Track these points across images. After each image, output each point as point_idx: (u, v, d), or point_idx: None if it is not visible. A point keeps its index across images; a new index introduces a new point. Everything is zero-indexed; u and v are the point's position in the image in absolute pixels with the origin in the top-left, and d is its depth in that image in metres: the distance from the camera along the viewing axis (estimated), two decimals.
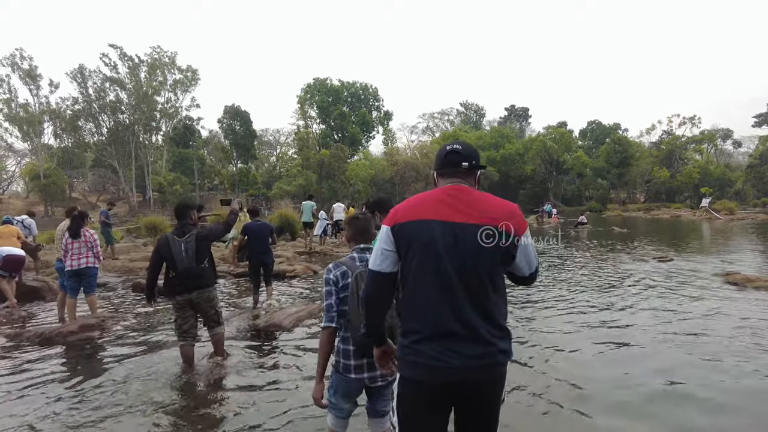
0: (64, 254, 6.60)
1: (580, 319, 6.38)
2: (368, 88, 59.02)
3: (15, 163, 66.34)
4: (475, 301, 1.76)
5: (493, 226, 1.78)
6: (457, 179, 1.91)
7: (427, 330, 1.77)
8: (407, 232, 1.80)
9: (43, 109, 52.15)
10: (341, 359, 2.54)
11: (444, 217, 1.79)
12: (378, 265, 1.86)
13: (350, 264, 2.55)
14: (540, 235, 21.50)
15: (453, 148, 1.94)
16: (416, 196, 1.93)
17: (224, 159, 59.94)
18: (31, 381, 4.52)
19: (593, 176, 57.89)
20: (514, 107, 78.41)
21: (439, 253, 1.76)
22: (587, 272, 10.28)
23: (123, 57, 51.37)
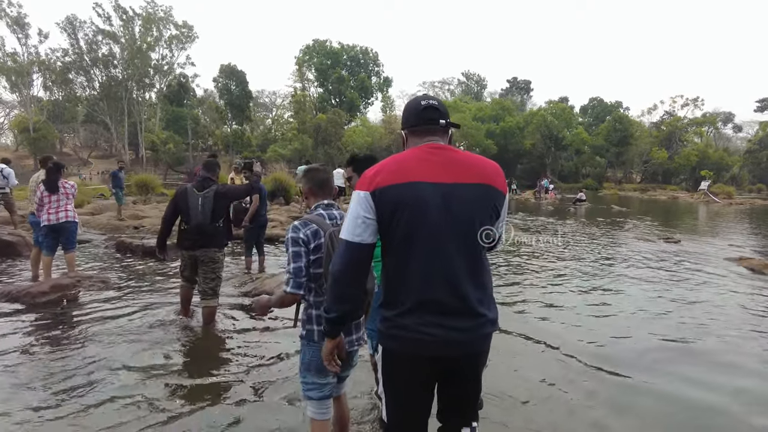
0: (38, 208, 6.00)
1: (638, 320, 5.42)
2: (368, 52, 57.66)
3: (3, 115, 64.94)
4: (470, 269, 1.65)
5: (489, 185, 1.68)
6: (435, 137, 1.75)
7: (416, 301, 1.62)
8: (391, 197, 1.61)
9: (32, 60, 50.69)
10: (315, 326, 2.24)
11: (433, 178, 1.63)
12: (358, 235, 1.64)
13: (320, 222, 2.27)
14: (537, 211, 21.30)
15: (429, 103, 1.76)
16: (395, 157, 1.71)
17: (219, 119, 58.86)
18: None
19: (591, 154, 57.49)
20: (516, 80, 77.17)
21: (431, 217, 1.61)
22: (601, 253, 9.64)
23: (117, 9, 49.63)
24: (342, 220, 2.25)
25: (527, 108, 70.65)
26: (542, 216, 18.35)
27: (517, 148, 56.26)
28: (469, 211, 1.65)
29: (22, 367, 3.72)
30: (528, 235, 12.22)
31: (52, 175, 5.96)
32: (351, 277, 1.68)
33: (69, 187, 6.04)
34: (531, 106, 72.08)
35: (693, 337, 4.81)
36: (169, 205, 4.70)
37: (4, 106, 63.24)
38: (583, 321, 5.24)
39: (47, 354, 3.98)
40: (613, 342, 4.63)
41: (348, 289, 1.69)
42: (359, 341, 2.35)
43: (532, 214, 19.46)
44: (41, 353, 4.00)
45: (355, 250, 1.65)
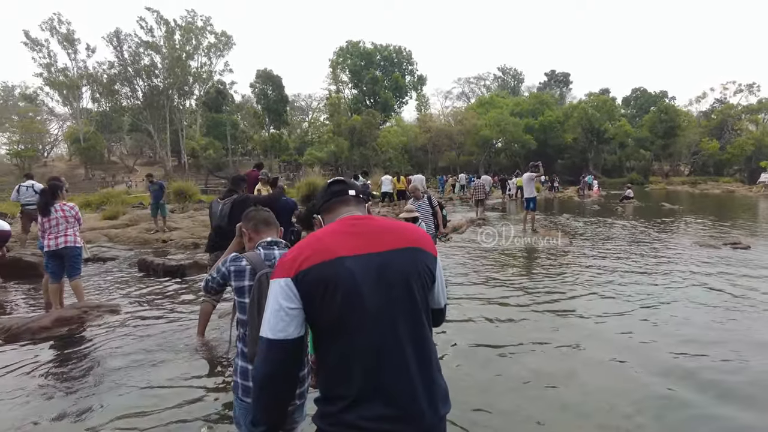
0: (41, 233, 5.64)
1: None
2: (402, 51, 57.30)
3: (57, 127, 68.32)
4: (415, 346, 1.47)
5: (418, 248, 1.55)
6: (350, 208, 1.64)
7: (358, 393, 1.42)
8: (317, 278, 1.42)
9: (81, 74, 52.96)
10: (240, 380, 2.06)
11: (359, 250, 1.47)
12: (281, 330, 1.42)
13: (255, 260, 2.11)
14: (582, 211, 20.44)
15: (335, 179, 1.73)
16: (311, 236, 1.55)
17: (257, 124, 59.91)
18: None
19: (635, 146, 55.25)
20: (554, 72, 75.14)
21: (366, 294, 1.43)
22: (658, 267, 8.16)
23: (159, 21, 51.30)
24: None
25: (567, 101, 68.72)
26: (588, 217, 17.43)
27: (557, 142, 54.74)
28: (405, 280, 1.48)
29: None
30: (572, 239, 11.64)
31: (45, 197, 5.60)
32: (279, 382, 1.46)
33: (68, 210, 5.66)
34: (570, 99, 70.09)
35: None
36: (210, 215, 5.43)
37: (57, 119, 66.56)
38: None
39: (34, 396, 3.72)
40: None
41: (277, 396, 1.48)
42: (301, 398, 2.14)
43: (576, 214, 18.64)
44: (29, 396, 3.74)
45: (280, 349, 1.42)
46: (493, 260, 9.02)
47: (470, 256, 9.42)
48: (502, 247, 10.53)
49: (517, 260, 9.16)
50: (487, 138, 50.93)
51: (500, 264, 8.67)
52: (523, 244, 10.99)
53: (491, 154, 54.89)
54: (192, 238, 11.09)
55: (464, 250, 10.10)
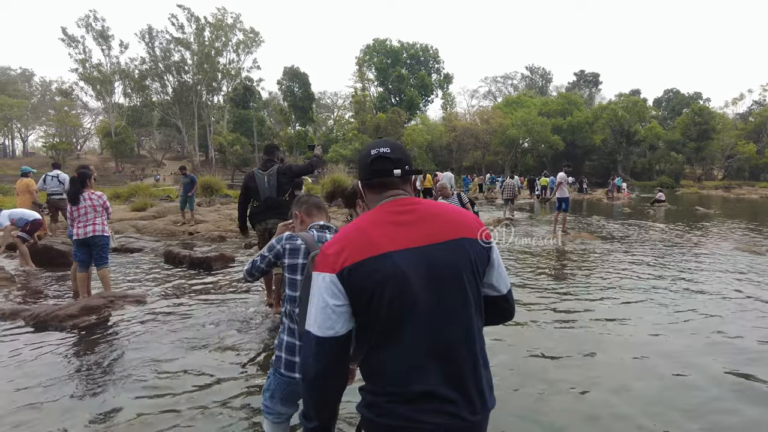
0: (70, 221, 5.64)
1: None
2: (428, 49, 57.06)
3: (90, 121, 70.17)
4: (466, 342, 1.41)
5: (473, 238, 1.44)
6: (396, 190, 1.49)
7: (408, 390, 1.36)
8: (362, 276, 1.33)
9: (113, 69, 54.21)
10: (284, 354, 2.12)
11: (406, 244, 1.37)
12: (330, 328, 1.35)
13: (309, 240, 2.16)
14: (611, 214, 19.90)
15: (380, 152, 1.47)
16: (355, 224, 1.44)
17: (282, 121, 60.44)
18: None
19: (666, 149, 53.87)
20: (583, 72, 73.83)
21: (411, 293, 1.34)
22: (698, 273, 7.55)
23: (190, 18, 52.19)
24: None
25: (596, 102, 67.51)
26: (619, 219, 16.89)
27: (585, 144, 53.75)
28: (457, 275, 1.39)
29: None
30: (605, 241, 11.30)
31: (75, 187, 5.61)
32: (330, 379, 1.40)
33: (96, 198, 5.67)
34: (600, 100, 68.84)
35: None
36: (241, 190, 5.36)
37: (90, 113, 68.37)
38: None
39: (56, 381, 3.75)
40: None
41: (328, 393, 1.43)
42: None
43: (606, 217, 18.10)
44: (52, 380, 3.78)
45: (328, 346, 1.36)
46: (522, 261, 8.77)
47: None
48: (532, 247, 10.25)
49: (548, 262, 8.88)
50: (513, 138, 50.30)
51: (530, 265, 8.41)
52: (554, 244, 10.70)
53: (518, 155, 54.19)
54: (218, 231, 11.13)
55: None
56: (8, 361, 4.13)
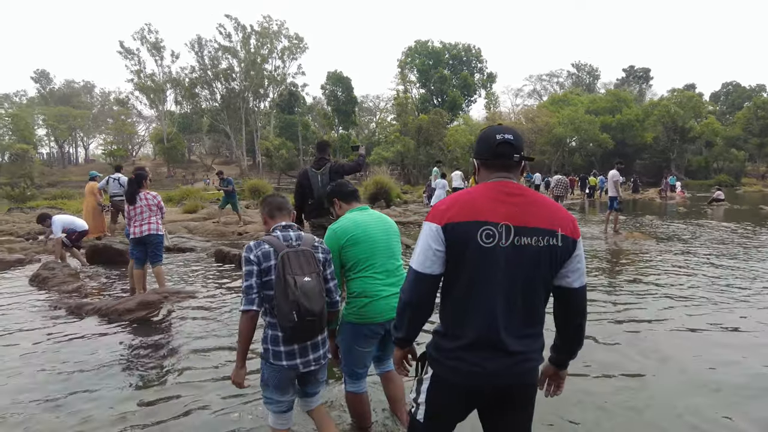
0: (127, 220, 5.93)
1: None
2: (471, 49, 56.41)
3: (145, 128, 73.52)
4: (524, 311, 1.69)
5: (561, 232, 1.67)
6: (507, 174, 1.75)
7: (472, 337, 1.68)
8: (461, 234, 1.64)
9: (166, 78, 56.52)
10: (270, 346, 2.35)
11: (503, 219, 1.65)
12: (428, 267, 1.68)
13: (275, 243, 2.34)
14: (665, 213, 19.06)
15: (504, 138, 1.73)
16: (466, 192, 1.75)
17: (326, 125, 61.26)
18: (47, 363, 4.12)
19: (725, 146, 51.06)
20: (633, 68, 71.13)
21: (498, 261, 1.64)
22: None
23: (237, 27, 53.81)
24: (298, 240, 2.39)
25: (647, 98, 64.88)
26: (675, 219, 16.09)
27: (636, 142, 51.67)
28: (535, 257, 1.65)
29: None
30: (661, 242, 10.83)
31: (132, 187, 5.84)
32: (425, 307, 1.73)
33: (151, 198, 5.90)
34: (651, 96, 66.12)
35: None
36: (296, 187, 5.40)
37: (144, 121, 71.66)
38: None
39: (111, 367, 4.03)
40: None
41: (416, 315, 1.75)
42: (324, 358, 2.45)
43: (659, 217, 17.35)
44: (108, 367, 4.04)
45: (424, 281, 1.68)
46: None
47: None
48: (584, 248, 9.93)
49: (603, 264, 8.57)
50: (560, 137, 49.01)
51: None
52: (607, 245, 10.33)
53: (565, 154, 52.77)
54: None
55: None
56: (73, 347, 4.47)
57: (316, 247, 2.44)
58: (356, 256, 2.65)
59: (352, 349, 2.70)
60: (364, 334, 2.67)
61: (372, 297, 2.62)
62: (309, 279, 2.26)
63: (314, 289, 2.26)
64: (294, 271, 2.24)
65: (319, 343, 2.41)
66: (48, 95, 69.08)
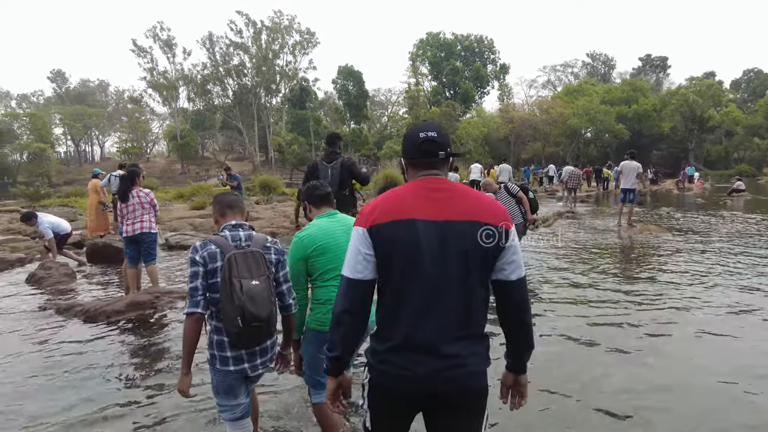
0: (120, 218, 5.79)
1: None
2: (483, 40, 55.72)
3: (158, 126, 74.17)
4: (460, 310, 1.63)
5: (489, 223, 1.63)
6: (434, 171, 1.72)
7: (400, 340, 1.63)
8: (387, 234, 1.61)
9: (178, 75, 56.80)
10: (216, 352, 2.28)
11: (429, 215, 1.61)
12: (359, 272, 1.63)
13: (222, 243, 2.25)
14: (683, 204, 18.56)
15: (428, 135, 1.71)
16: (392, 192, 1.73)
17: (338, 120, 61.11)
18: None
19: (746, 135, 49.76)
20: (649, 57, 69.63)
21: (422, 256, 1.60)
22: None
23: (248, 23, 53.81)
24: (248, 241, 2.30)
25: (664, 87, 63.50)
26: (693, 211, 15.55)
27: (653, 132, 50.62)
28: (464, 251, 1.60)
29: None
30: (676, 234, 10.45)
31: (124, 185, 5.70)
32: (358, 316, 1.66)
33: (144, 196, 5.74)
34: (669, 85, 64.66)
35: None
36: (304, 180, 5.24)
37: (158, 118, 72.29)
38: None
39: (94, 370, 3.91)
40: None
41: (352, 327, 1.67)
42: (264, 365, 2.38)
43: (677, 208, 16.87)
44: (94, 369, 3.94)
45: (356, 287, 1.64)
46: (586, 259, 8.21)
47: (559, 253, 8.62)
48: (597, 243, 9.60)
49: (616, 259, 8.26)
50: (575, 128, 48.20)
51: (594, 264, 7.84)
52: (622, 239, 9.99)
53: (580, 145, 51.94)
54: (271, 228, 11.34)
55: (552, 245, 9.32)
56: (57, 350, 4.39)
57: (268, 247, 2.37)
58: (324, 266, 2.56)
59: (315, 357, 2.54)
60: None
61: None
62: (257, 282, 2.17)
63: (262, 293, 2.17)
64: (241, 273, 2.16)
65: (268, 347, 2.38)
66: (64, 95, 70.03)
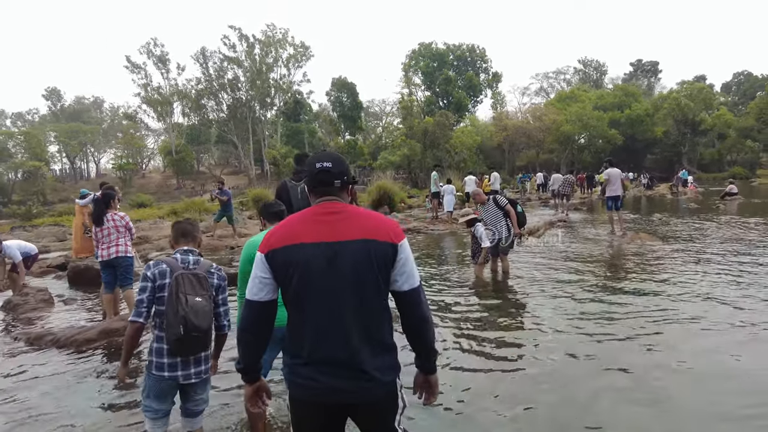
0: (95, 242, 5.57)
1: None
2: (475, 49, 56.00)
3: (153, 141, 74.09)
4: (358, 323, 1.76)
5: (376, 240, 1.76)
6: (331, 196, 1.87)
7: (309, 354, 1.78)
8: (281, 258, 1.77)
9: (172, 91, 56.89)
10: (154, 358, 2.57)
11: (318, 238, 1.76)
12: (255, 294, 1.80)
13: (172, 264, 2.60)
14: (677, 210, 18.52)
15: (323, 166, 1.86)
16: (290, 218, 1.90)
17: (332, 131, 61.17)
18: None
19: (738, 137, 49.98)
20: (640, 62, 70.23)
21: (317, 276, 1.74)
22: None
23: (241, 37, 53.99)
24: (195, 264, 2.64)
25: (656, 92, 63.91)
26: (686, 218, 15.46)
27: (646, 137, 50.86)
28: (353, 267, 1.73)
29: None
30: (667, 242, 10.39)
31: (99, 208, 5.54)
32: (255, 334, 1.84)
33: (119, 220, 5.57)
34: (660, 90, 65.14)
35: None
36: (275, 198, 5.19)
37: (153, 134, 72.23)
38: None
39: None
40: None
41: (251, 342, 1.85)
42: (206, 373, 2.67)
43: (671, 213, 16.80)
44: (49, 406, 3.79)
45: (255, 308, 1.80)
46: (574, 271, 8.13)
47: (548, 266, 8.43)
48: (587, 253, 9.52)
49: (608, 271, 8.17)
50: (568, 134, 48.38)
51: (583, 277, 7.74)
52: (615, 249, 9.91)
53: (573, 151, 52.06)
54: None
55: (540, 257, 9.22)
56: (26, 384, 4.23)
57: (211, 272, 2.68)
58: None
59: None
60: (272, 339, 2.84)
61: (279, 305, 2.73)
62: (200, 299, 2.49)
63: (204, 308, 2.48)
64: (186, 290, 2.47)
65: (202, 359, 2.64)
66: (59, 112, 70.03)
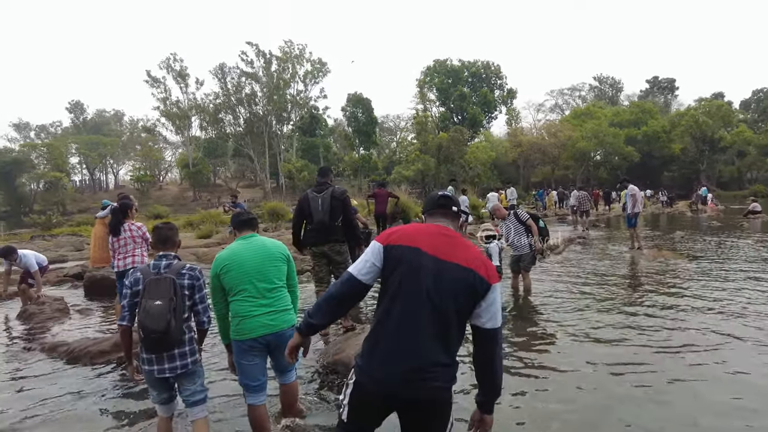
0: (112, 252, 5.56)
1: None
2: (490, 66, 56.19)
3: (171, 154, 75.26)
4: (438, 333, 1.92)
5: (476, 272, 1.94)
6: (446, 221, 2.11)
7: (387, 347, 1.93)
8: (397, 254, 1.96)
9: (191, 105, 57.87)
10: (141, 353, 2.82)
11: (433, 251, 1.95)
12: (362, 274, 1.99)
13: (145, 271, 2.83)
14: (698, 228, 18.14)
15: (444, 193, 2.19)
16: (411, 225, 2.14)
17: (347, 146, 61.57)
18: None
19: (759, 155, 49.18)
20: (657, 79, 69.73)
21: (421, 282, 1.91)
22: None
23: (258, 54, 54.89)
24: (165, 269, 2.84)
25: (672, 109, 63.32)
26: (709, 234, 15.12)
27: (663, 154, 50.27)
28: (453, 289, 1.92)
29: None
30: (692, 260, 10.13)
31: (116, 218, 5.54)
32: (343, 304, 2.08)
33: (135, 230, 5.56)
34: (677, 107, 64.52)
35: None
36: (295, 212, 5.52)
37: (171, 147, 73.42)
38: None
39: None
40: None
41: (333, 308, 2.06)
42: (183, 368, 2.80)
43: (692, 231, 16.44)
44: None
45: (355, 284, 2.00)
46: (597, 289, 7.95)
47: (568, 283, 8.23)
48: (609, 270, 9.31)
49: (633, 290, 7.95)
50: (584, 150, 48.05)
51: (607, 296, 7.54)
52: (636, 267, 9.69)
53: (590, 168, 51.65)
54: None
55: (561, 275, 9.03)
56: (39, 394, 4.21)
57: (182, 274, 2.84)
58: (229, 282, 3.01)
59: (239, 363, 3.04)
60: (244, 349, 3.00)
61: (244, 316, 2.96)
62: (159, 303, 2.64)
63: (160, 311, 2.62)
64: (149, 295, 2.67)
65: (176, 355, 2.77)
66: (81, 125, 71.57)
